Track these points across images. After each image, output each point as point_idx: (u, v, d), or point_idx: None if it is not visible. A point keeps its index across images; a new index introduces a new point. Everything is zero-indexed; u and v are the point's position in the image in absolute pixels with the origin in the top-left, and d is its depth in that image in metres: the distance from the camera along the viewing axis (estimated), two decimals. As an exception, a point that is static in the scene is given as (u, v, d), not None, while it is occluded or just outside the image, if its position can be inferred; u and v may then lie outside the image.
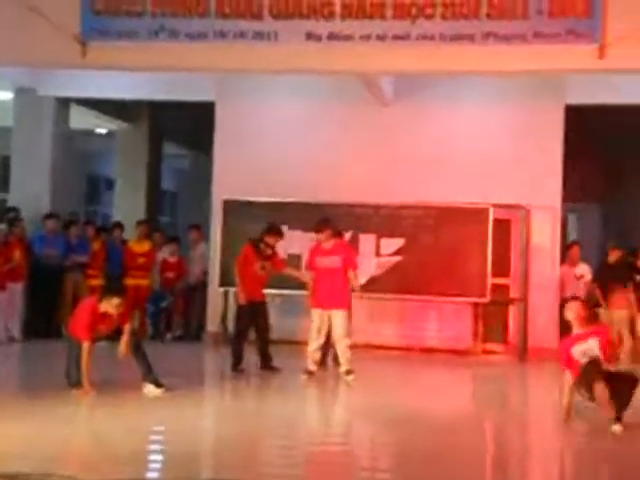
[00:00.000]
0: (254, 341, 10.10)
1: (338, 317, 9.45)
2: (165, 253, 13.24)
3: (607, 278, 11.80)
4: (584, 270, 12.49)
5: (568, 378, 7.45)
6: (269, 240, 10.14)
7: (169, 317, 13.28)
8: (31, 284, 12.17)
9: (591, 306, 11.91)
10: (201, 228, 13.76)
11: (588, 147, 14.45)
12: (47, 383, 8.49)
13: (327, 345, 9.92)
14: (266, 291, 10.43)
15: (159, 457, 6.04)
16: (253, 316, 9.98)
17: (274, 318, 10.81)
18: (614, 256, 12.08)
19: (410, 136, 12.60)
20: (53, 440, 6.23)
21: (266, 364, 9.92)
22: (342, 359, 9.50)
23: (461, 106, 12.57)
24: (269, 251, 10.16)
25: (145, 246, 13.27)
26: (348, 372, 9.44)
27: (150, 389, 8.13)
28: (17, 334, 11.90)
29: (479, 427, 7.95)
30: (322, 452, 6.49)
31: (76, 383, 7.98)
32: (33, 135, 13.62)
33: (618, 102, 12.20)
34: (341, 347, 9.50)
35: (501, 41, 9.55)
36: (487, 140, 12.48)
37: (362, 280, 10.79)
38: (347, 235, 11.78)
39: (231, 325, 12.55)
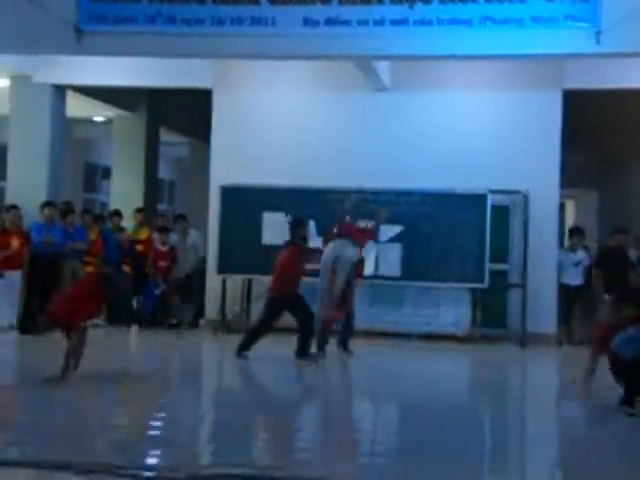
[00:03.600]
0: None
1: None
2: (157, 242, 13.26)
3: (610, 263, 11.80)
4: (582, 256, 12.56)
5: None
6: (303, 233, 10.12)
7: (164, 305, 13.27)
8: (29, 272, 12.19)
9: (593, 293, 12.05)
10: (185, 217, 13.78)
11: (586, 132, 14.48)
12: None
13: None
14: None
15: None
16: (292, 309, 9.89)
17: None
18: (616, 241, 12.10)
19: (407, 122, 12.63)
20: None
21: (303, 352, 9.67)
22: None
23: (458, 91, 12.61)
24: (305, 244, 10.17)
25: (143, 234, 13.32)
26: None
27: None
28: (15, 321, 11.94)
29: (481, 413, 8.01)
30: (325, 437, 6.56)
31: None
32: (30, 123, 13.58)
33: (616, 86, 12.26)
34: None
35: (498, 25, 9.60)
36: (485, 126, 12.54)
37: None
38: (346, 219, 11.87)
39: (230, 312, 12.70)
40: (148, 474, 4.93)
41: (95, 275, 7.85)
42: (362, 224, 11.61)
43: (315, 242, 12.13)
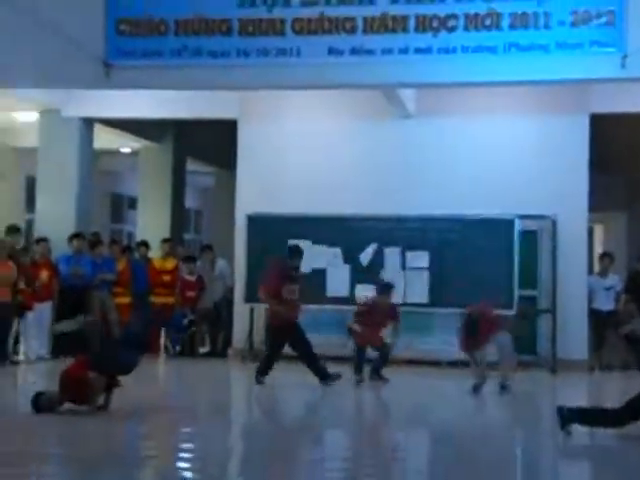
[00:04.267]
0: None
1: None
2: (184, 272, 13.33)
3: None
4: (614, 281, 12.48)
5: None
6: (295, 263, 10.22)
7: (193, 335, 13.33)
8: (59, 303, 12.28)
9: (626, 318, 11.94)
10: (212, 247, 13.88)
11: (614, 156, 14.43)
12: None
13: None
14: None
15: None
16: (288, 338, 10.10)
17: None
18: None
19: (434, 148, 12.66)
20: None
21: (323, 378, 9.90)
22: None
23: (484, 117, 12.62)
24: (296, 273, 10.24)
25: (169, 264, 13.40)
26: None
27: None
28: (45, 353, 12.02)
29: (513, 442, 7.94)
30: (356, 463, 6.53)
31: None
32: (58, 155, 13.76)
33: (642, 110, 12.24)
34: None
35: (524, 52, 9.61)
36: (511, 151, 12.53)
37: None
38: (371, 248, 11.94)
39: (257, 340, 12.70)
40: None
41: (83, 360, 7.74)
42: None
43: (342, 270, 12.21)
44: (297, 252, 10.30)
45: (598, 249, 16.25)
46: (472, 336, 9.63)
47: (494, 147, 12.57)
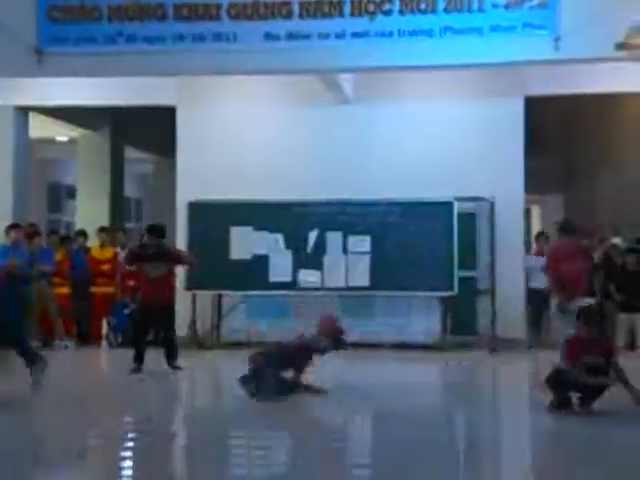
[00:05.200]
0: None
1: None
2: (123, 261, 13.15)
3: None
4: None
5: None
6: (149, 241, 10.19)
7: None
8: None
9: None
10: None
11: (550, 138, 14.65)
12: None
13: None
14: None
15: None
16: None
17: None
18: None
19: (372, 133, 12.71)
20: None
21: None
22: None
23: (421, 102, 12.71)
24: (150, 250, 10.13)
25: (108, 253, 13.24)
26: None
27: None
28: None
29: (456, 420, 8.06)
30: (307, 448, 6.55)
31: None
32: (-8, 146, 13.56)
33: (578, 92, 12.41)
34: None
35: (459, 35, 9.69)
36: (448, 135, 12.62)
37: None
38: (313, 233, 11.98)
39: (201, 328, 12.64)
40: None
41: None
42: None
43: (285, 256, 12.21)
44: (152, 230, 10.23)
45: (535, 229, 16.52)
46: None
47: (432, 131, 12.65)
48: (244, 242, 12.38)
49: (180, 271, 12.20)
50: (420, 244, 12.06)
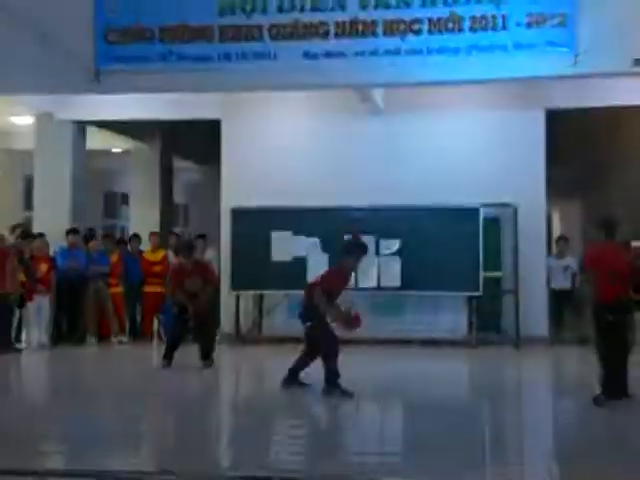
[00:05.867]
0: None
1: None
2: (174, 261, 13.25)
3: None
4: (570, 261, 12.59)
5: None
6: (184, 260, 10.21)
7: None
8: (57, 294, 12.23)
9: (581, 297, 12.01)
10: (206, 237, 13.80)
11: (569, 147, 14.53)
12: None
13: None
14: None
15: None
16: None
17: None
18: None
19: (402, 142, 12.69)
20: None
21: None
22: None
23: (449, 113, 12.66)
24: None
25: (159, 255, 13.35)
26: None
27: None
28: (46, 341, 11.97)
29: (483, 412, 8.03)
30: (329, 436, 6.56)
31: None
32: (53, 156, 13.72)
33: (593, 105, 12.32)
34: None
35: (484, 52, 9.66)
36: (475, 145, 12.58)
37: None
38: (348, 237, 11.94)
39: (244, 326, 12.70)
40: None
41: None
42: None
43: (321, 258, 12.21)
44: (184, 250, 10.30)
45: (556, 233, 16.39)
46: None
47: (458, 141, 12.61)
48: (284, 245, 12.42)
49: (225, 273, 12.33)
50: (448, 247, 12.02)
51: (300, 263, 12.35)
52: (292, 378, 8.21)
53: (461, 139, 12.62)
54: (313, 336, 8.11)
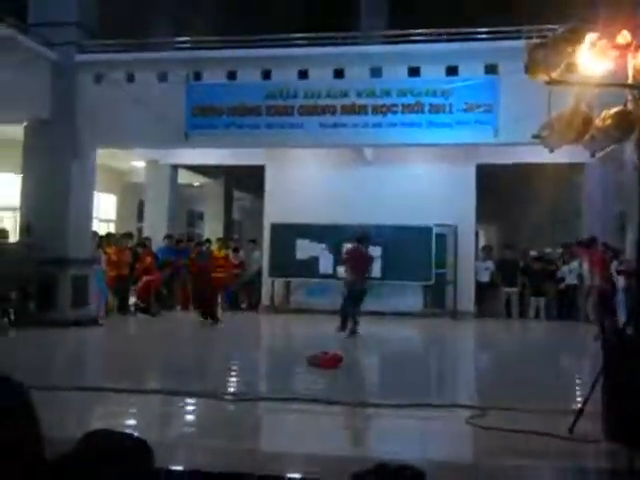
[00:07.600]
0: None
1: None
2: (232, 257, 13.47)
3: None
4: (489, 264, 12.70)
5: None
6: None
7: (236, 297, 13.46)
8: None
9: (493, 284, 12.17)
10: (256, 241, 13.95)
11: (492, 190, 14.62)
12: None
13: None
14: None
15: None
16: None
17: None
18: (506, 254, 12.33)
19: (384, 183, 12.70)
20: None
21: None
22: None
23: (416, 164, 12.61)
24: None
25: (222, 254, 13.50)
26: None
27: None
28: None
29: (431, 356, 8.13)
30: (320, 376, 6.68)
31: None
32: (157, 187, 13.90)
33: (510, 162, 12.39)
34: None
35: (437, 127, 9.81)
36: (431, 186, 12.57)
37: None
38: (346, 244, 12.03)
39: (276, 300, 12.82)
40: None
41: None
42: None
43: (328, 257, 12.29)
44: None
45: (481, 244, 16.47)
46: None
47: (420, 182, 12.58)
48: (304, 248, 12.55)
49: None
50: (411, 252, 12.09)
51: (314, 260, 12.50)
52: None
53: (422, 181, 12.64)
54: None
